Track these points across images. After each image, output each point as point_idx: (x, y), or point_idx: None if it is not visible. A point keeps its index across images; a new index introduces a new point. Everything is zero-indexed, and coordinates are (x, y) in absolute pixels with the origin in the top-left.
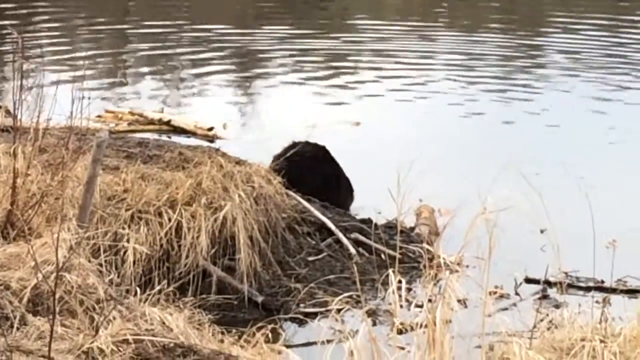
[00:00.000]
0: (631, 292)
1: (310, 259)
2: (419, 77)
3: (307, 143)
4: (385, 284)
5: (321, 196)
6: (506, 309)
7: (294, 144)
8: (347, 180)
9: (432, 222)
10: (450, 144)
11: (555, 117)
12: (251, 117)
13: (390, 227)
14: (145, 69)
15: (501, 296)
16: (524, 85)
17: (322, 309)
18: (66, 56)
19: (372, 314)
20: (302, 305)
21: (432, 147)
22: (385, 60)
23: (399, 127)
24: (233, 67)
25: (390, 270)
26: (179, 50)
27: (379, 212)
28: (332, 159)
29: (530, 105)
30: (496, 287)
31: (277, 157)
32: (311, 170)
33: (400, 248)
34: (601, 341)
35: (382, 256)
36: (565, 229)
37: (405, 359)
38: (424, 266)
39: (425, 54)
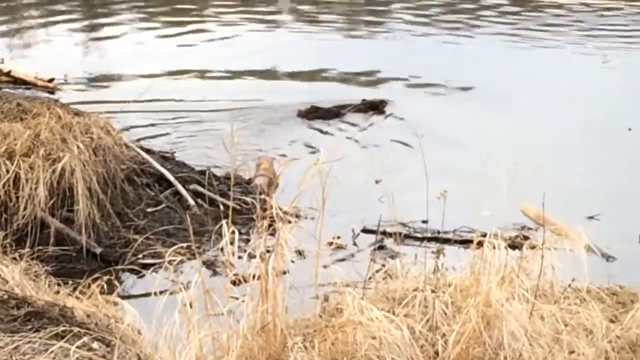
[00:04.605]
0: (464, 242)
1: (149, 210)
2: (265, 15)
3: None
4: (222, 234)
5: None
6: (344, 259)
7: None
8: None
9: (272, 172)
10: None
11: (387, 62)
12: (94, 68)
13: (229, 178)
14: None
15: (339, 247)
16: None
17: (160, 260)
18: None
19: (210, 265)
20: (140, 256)
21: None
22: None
23: (240, 72)
24: (78, 17)
25: (224, 222)
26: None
27: (217, 165)
28: None
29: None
30: (334, 237)
31: None
32: None
33: (239, 199)
34: (433, 291)
35: (222, 207)
36: (403, 179)
37: (238, 310)
38: (257, 217)
39: None
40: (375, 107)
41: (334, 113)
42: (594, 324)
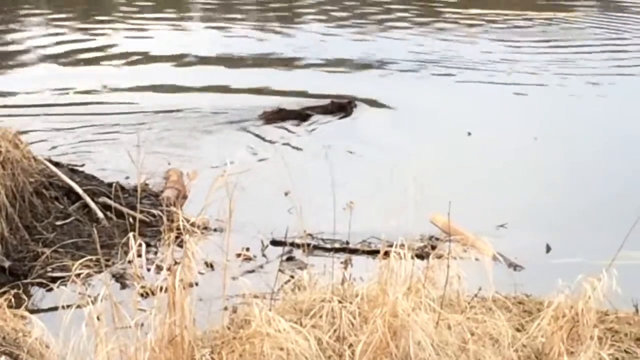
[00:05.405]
0: (372, 253)
1: (58, 223)
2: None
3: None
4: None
5: None
6: (252, 271)
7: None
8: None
9: (181, 185)
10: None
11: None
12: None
13: (141, 190)
14: None
15: (248, 258)
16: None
17: (68, 274)
18: None
19: (119, 277)
20: (48, 269)
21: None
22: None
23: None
24: None
25: (131, 234)
26: None
27: (127, 177)
28: None
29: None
30: (243, 249)
31: None
32: None
33: (147, 212)
34: (340, 302)
35: (130, 220)
36: (311, 191)
37: (146, 322)
38: (164, 229)
39: None
40: (343, 108)
41: (299, 115)
42: (500, 332)
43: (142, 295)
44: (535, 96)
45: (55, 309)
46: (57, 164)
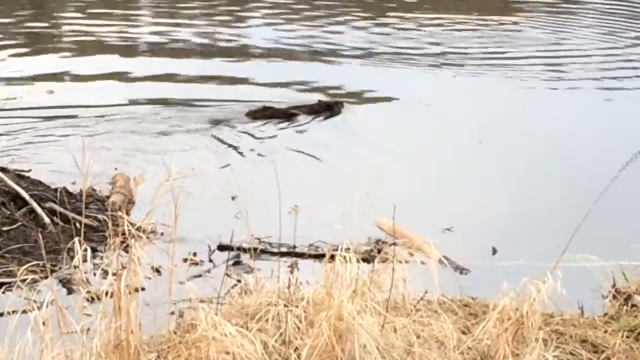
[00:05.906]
0: (318, 257)
1: (4, 228)
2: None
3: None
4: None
5: None
6: (199, 275)
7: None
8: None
9: (127, 190)
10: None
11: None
12: None
13: (88, 195)
14: None
15: (194, 263)
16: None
17: (14, 279)
18: None
19: (66, 283)
20: None
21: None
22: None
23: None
24: None
25: (76, 239)
26: None
27: (73, 182)
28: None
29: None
30: (190, 254)
31: None
32: None
33: (94, 217)
34: (285, 305)
35: (77, 225)
36: (259, 195)
37: (92, 327)
38: (110, 234)
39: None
40: (331, 108)
41: (284, 114)
42: (445, 335)
43: (88, 300)
44: (480, 99)
45: (0, 314)
46: (3, 169)
